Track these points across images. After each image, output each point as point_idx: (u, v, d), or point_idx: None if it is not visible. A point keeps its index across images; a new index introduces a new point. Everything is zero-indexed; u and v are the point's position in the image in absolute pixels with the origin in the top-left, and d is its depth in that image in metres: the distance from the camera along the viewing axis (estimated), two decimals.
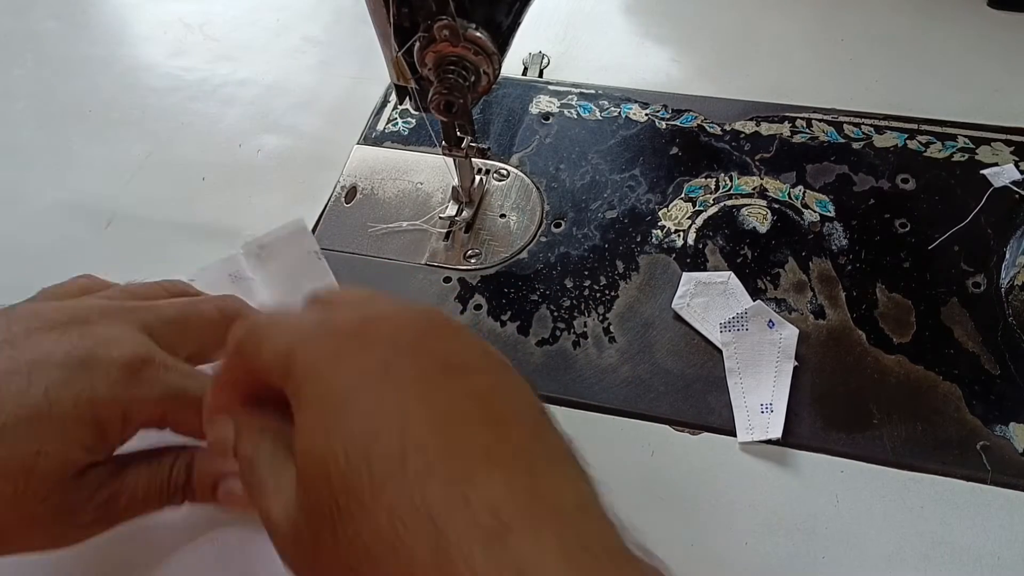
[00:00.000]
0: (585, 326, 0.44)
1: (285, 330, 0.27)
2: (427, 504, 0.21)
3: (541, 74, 0.58)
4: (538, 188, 0.51)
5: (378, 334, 0.25)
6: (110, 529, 0.33)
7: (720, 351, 0.42)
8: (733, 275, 0.44)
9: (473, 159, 0.47)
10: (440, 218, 0.49)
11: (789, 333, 0.41)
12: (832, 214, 0.47)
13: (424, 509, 0.21)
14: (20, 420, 0.29)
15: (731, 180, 0.49)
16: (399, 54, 0.39)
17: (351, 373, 0.24)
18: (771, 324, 0.42)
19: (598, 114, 0.54)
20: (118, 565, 0.36)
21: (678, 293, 0.44)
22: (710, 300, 0.44)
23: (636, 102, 0.54)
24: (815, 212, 0.47)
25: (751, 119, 0.52)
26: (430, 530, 0.21)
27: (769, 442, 0.39)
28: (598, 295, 0.45)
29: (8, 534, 0.31)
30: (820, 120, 0.52)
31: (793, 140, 0.51)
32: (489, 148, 0.47)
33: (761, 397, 0.40)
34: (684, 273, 0.45)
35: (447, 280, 0.47)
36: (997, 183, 0.46)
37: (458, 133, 0.44)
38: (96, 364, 0.31)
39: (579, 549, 0.21)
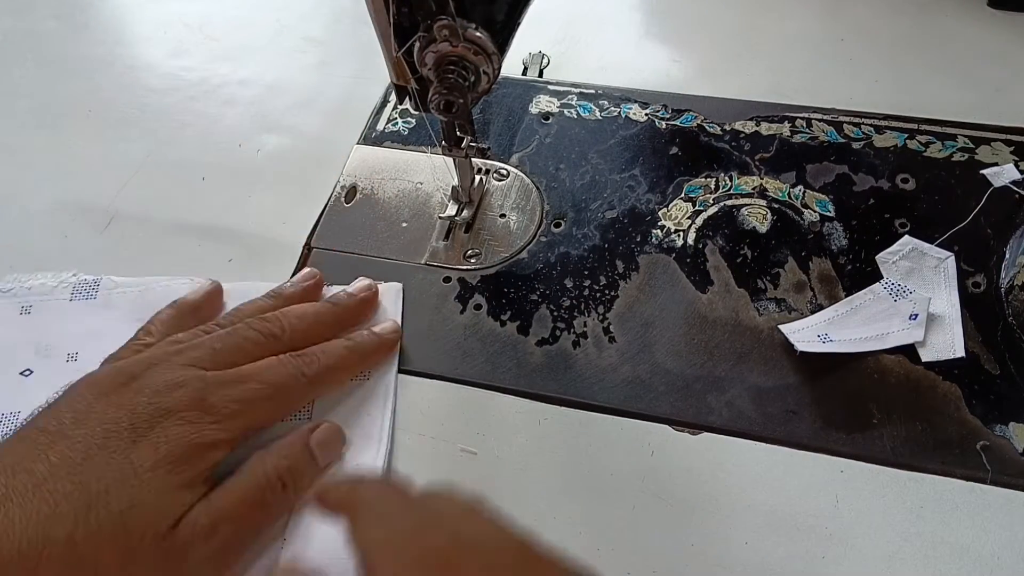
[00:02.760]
0: (585, 326, 0.44)
1: (377, 525, 0.29)
2: None
3: (541, 74, 0.58)
4: (538, 188, 0.51)
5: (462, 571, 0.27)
6: (224, 571, 0.35)
7: (713, 353, 0.42)
8: (953, 257, 0.44)
9: (473, 159, 0.47)
10: (440, 218, 0.49)
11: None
12: (832, 214, 0.47)
13: None
14: (111, 483, 0.32)
15: (731, 180, 0.49)
16: (399, 54, 0.39)
17: None
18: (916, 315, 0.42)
19: (598, 114, 0.54)
20: None
21: (890, 249, 0.44)
22: (915, 267, 0.44)
23: (636, 102, 0.54)
24: (815, 212, 0.47)
25: (751, 119, 0.52)
26: None
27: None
28: (598, 295, 0.45)
29: None
30: (820, 120, 0.52)
31: (793, 140, 0.51)
32: (489, 148, 0.47)
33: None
34: (907, 235, 0.45)
35: (447, 280, 0.47)
36: (997, 183, 0.46)
37: (458, 133, 0.44)
38: (163, 412, 0.34)
39: None
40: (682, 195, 0.49)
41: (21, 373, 0.42)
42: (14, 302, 0.45)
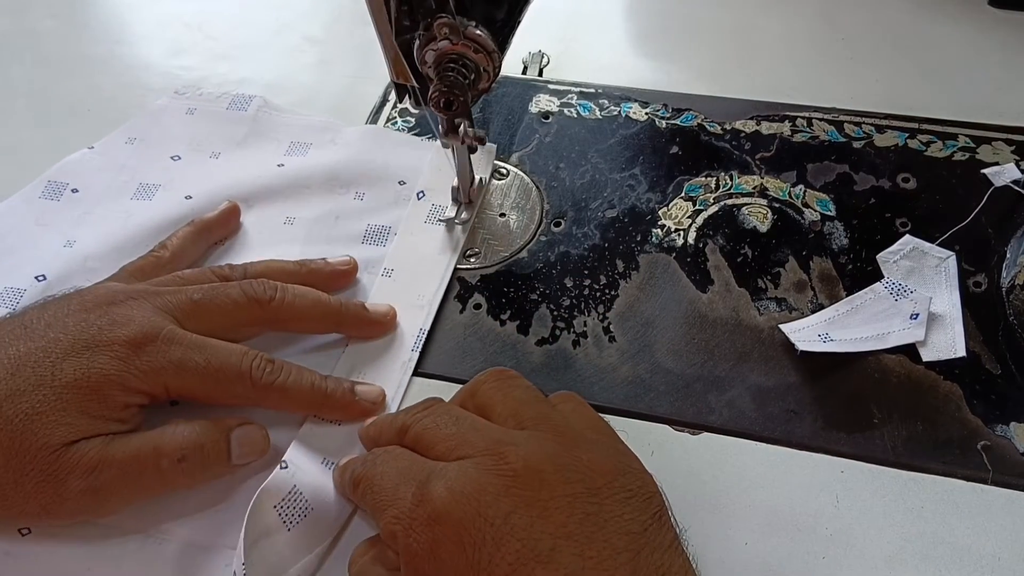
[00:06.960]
0: (585, 325, 0.44)
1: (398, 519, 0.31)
2: None
3: (541, 73, 0.58)
4: (538, 187, 0.50)
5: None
6: (102, 513, 0.35)
7: (710, 353, 0.42)
8: (954, 257, 0.44)
9: (472, 158, 0.47)
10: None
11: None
12: (833, 213, 0.47)
13: None
14: (28, 386, 0.33)
15: (731, 179, 0.49)
16: (398, 49, 0.39)
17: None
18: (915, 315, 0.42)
19: (598, 113, 0.54)
20: None
21: (890, 248, 0.44)
22: (916, 267, 0.44)
23: (636, 101, 0.54)
24: (816, 211, 0.47)
25: (751, 118, 0.52)
26: None
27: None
28: (598, 294, 0.45)
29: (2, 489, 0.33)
30: (821, 119, 0.52)
31: (794, 139, 0.51)
32: (487, 132, 0.45)
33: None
34: (907, 235, 0.45)
35: None
36: (998, 182, 0.46)
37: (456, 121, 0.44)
38: (102, 341, 0.34)
39: None
40: (682, 194, 0.49)
41: (171, 157, 0.52)
42: (184, 104, 0.56)
